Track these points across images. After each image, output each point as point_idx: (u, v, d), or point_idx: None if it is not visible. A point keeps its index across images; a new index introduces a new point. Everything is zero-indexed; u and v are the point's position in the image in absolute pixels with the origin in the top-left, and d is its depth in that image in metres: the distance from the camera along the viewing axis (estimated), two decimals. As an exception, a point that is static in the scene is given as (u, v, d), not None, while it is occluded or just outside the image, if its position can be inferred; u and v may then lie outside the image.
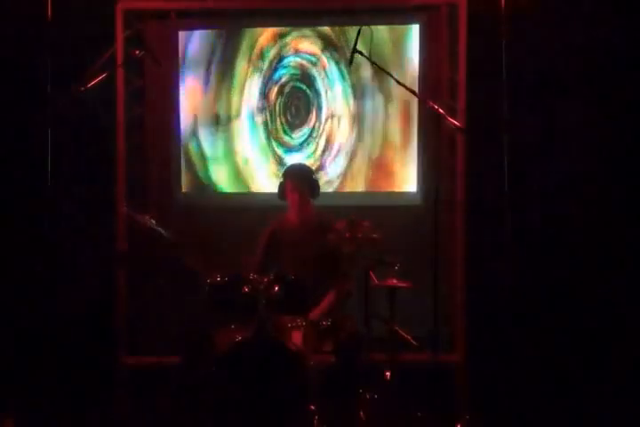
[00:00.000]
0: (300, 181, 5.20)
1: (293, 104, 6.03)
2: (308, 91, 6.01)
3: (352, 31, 5.68)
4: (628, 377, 5.45)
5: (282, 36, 5.99)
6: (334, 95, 5.99)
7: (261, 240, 5.31)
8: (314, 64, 5.99)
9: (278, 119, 6.03)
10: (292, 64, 6.01)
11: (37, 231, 5.41)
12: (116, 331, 5.77)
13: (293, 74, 6.01)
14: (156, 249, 4.96)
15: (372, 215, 4.93)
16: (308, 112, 6.01)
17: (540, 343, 5.54)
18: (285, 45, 5.99)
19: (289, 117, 6.03)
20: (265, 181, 6.04)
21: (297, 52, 5.99)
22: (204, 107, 6.05)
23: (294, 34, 5.99)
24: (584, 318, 5.55)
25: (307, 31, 5.97)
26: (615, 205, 5.61)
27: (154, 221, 4.87)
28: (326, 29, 5.96)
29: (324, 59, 5.98)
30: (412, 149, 5.93)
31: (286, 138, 6.04)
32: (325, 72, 5.99)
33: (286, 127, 6.04)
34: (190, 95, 6.04)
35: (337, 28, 5.94)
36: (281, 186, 5.27)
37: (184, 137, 6.05)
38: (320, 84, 6.00)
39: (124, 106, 5.80)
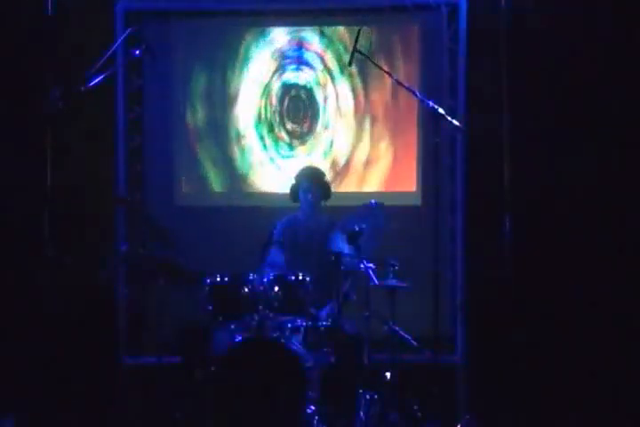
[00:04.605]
0: (312, 183, 5.23)
1: (294, 105, 6.02)
2: (308, 92, 6.01)
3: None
4: (627, 377, 5.46)
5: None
6: (335, 96, 5.99)
7: (275, 236, 5.30)
8: (315, 68, 6.00)
9: (279, 121, 6.02)
10: (292, 66, 6.01)
11: (37, 231, 5.41)
12: (115, 331, 5.77)
13: (294, 76, 6.01)
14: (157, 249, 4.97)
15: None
16: (309, 113, 6.00)
17: (539, 343, 5.54)
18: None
19: (290, 119, 6.02)
20: (266, 181, 6.03)
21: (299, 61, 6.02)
22: (203, 107, 6.05)
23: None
24: (584, 318, 5.54)
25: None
26: (615, 206, 5.61)
27: None
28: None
29: (327, 59, 5.99)
30: (412, 149, 5.93)
31: (287, 139, 6.03)
32: (326, 73, 5.99)
33: (287, 129, 6.03)
34: (189, 95, 6.04)
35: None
36: (293, 188, 5.28)
37: (184, 137, 6.04)
38: (320, 86, 5.99)
39: (124, 106, 5.81)
